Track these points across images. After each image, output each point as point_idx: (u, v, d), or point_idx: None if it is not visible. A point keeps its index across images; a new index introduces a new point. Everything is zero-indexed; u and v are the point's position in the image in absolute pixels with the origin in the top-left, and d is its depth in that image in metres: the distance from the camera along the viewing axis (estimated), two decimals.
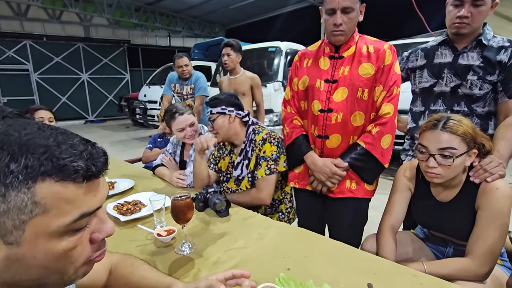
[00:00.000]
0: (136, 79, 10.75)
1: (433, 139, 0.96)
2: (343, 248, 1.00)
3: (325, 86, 1.29)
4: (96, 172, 0.38)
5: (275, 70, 4.45)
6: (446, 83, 1.35)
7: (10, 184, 0.32)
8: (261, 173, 1.39)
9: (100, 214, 0.41)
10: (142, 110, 6.79)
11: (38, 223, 0.34)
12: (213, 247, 1.01)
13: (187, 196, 0.98)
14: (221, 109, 1.43)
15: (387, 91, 1.23)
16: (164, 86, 3.27)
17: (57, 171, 0.34)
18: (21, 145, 0.33)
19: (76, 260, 0.39)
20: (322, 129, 1.31)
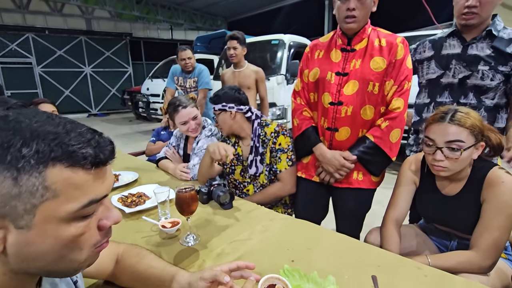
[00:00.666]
0: (138, 72, 10.72)
1: (440, 131, 0.95)
2: (347, 241, 1.00)
3: (336, 79, 1.28)
4: (104, 159, 0.39)
5: (278, 63, 4.41)
6: (454, 74, 1.34)
7: (22, 168, 0.32)
8: (283, 166, 1.40)
9: (106, 202, 0.42)
10: (145, 103, 6.79)
11: (48, 208, 0.34)
12: (217, 238, 1.02)
13: (191, 188, 0.98)
14: (221, 105, 1.43)
15: (398, 85, 1.22)
16: (167, 79, 3.27)
17: (67, 157, 0.35)
18: (32, 131, 0.34)
19: (84, 246, 0.39)
20: (331, 122, 1.31)
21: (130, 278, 0.76)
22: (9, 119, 0.35)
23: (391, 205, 1.16)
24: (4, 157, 0.32)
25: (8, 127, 0.34)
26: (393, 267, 0.85)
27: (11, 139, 0.33)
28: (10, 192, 0.32)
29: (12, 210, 0.33)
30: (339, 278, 0.77)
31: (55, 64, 9.01)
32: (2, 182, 0.32)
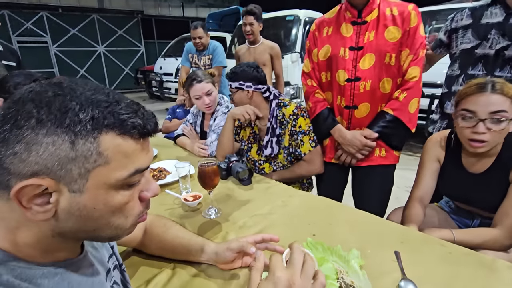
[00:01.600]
0: (151, 51, 10.67)
1: (482, 102, 0.90)
2: (369, 217, 1.00)
3: (350, 54, 1.23)
4: (151, 130, 0.40)
5: (293, 41, 4.27)
6: (491, 45, 1.26)
7: (79, 132, 0.33)
8: (307, 148, 1.37)
9: (147, 174, 0.43)
10: (158, 82, 6.79)
11: (100, 173, 0.36)
12: (238, 212, 1.04)
13: (213, 163, 0.99)
14: (239, 84, 1.38)
15: (413, 54, 1.18)
16: (182, 57, 3.22)
17: (119, 125, 0.36)
18: (87, 98, 0.35)
19: (129, 214, 0.41)
20: (350, 99, 1.27)
21: (158, 247, 0.78)
22: (64, 85, 0.36)
23: (416, 185, 1.14)
24: (63, 120, 0.33)
25: (64, 92, 0.34)
26: (416, 244, 0.85)
27: (68, 104, 0.34)
28: (68, 156, 0.33)
29: (68, 174, 0.34)
30: (362, 252, 0.77)
31: (70, 43, 9.06)
32: (60, 145, 0.33)
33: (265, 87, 1.41)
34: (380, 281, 0.70)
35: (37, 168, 0.32)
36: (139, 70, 8.26)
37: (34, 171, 0.32)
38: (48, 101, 0.33)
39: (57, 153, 0.33)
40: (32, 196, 0.33)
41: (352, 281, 0.65)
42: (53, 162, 0.33)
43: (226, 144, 1.46)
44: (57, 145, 0.33)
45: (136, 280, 0.73)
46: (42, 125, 0.32)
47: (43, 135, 0.32)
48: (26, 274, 0.35)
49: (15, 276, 0.34)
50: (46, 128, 0.32)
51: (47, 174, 0.33)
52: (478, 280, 0.70)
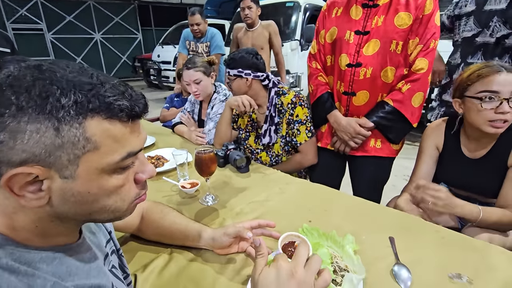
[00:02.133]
0: (148, 39, 10.49)
1: (505, 81, 0.89)
2: (364, 204, 1.01)
3: (355, 38, 1.19)
4: (140, 112, 0.39)
5: (292, 28, 4.19)
6: (492, 33, 1.24)
7: (63, 118, 0.32)
8: (303, 138, 1.37)
9: (141, 157, 0.43)
10: (156, 71, 6.71)
11: (91, 159, 0.35)
12: (235, 199, 1.05)
13: (210, 150, 0.99)
14: (237, 71, 1.35)
15: (423, 44, 1.12)
16: (179, 44, 3.18)
17: (105, 108, 0.35)
18: (69, 81, 0.34)
19: (125, 197, 0.41)
20: (348, 85, 1.24)
21: (155, 233, 0.79)
22: (43, 68, 0.34)
23: (414, 171, 1.15)
24: (44, 106, 0.32)
25: (44, 76, 0.33)
26: (411, 229, 0.86)
27: (49, 89, 0.32)
28: (54, 143, 0.33)
29: (57, 160, 0.33)
30: (357, 238, 0.78)
31: (66, 31, 8.89)
32: (44, 132, 0.32)
33: (264, 74, 1.38)
34: (374, 265, 0.71)
35: (25, 156, 0.32)
36: (136, 58, 8.14)
37: (23, 159, 0.32)
38: (27, 86, 0.32)
39: (42, 140, 0.32)
40: (23, 184, 0.33)
41: (346, 265, 0.67)
42: (40, 150, 0.32)
43: (224, 132, 1.46)
44: (41, 133, 0.32)
45: (133, 264, 0.74)
46: (23, 113, 0.31)
47: (26, 122, 0.31)
48: (25, 257, 0.35)
49: (14, 259, 0.34)
50: (27, 115, 0.31)
51: (36, 162, 0.33)
52: (469, 264, 0.71)
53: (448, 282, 0.66)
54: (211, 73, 1.66)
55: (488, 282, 0.66)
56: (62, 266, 0.38)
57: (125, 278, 0.56)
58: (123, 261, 0.59)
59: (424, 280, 0.67)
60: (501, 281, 0.66)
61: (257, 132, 1.51)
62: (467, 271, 0.69)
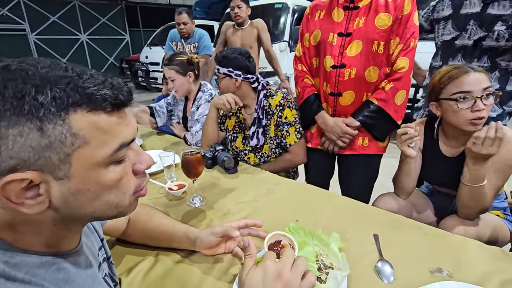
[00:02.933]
0: (136, 40, 10.35)
1: (475, 80, 0.93)
2: (350, 203, 1.02)
3: (338, 40, 1.22)
4: (124, 100, 0.37)
5: (281, 29, 4.23)
6: (470, 35, 1.29)
7: (44, 117, 0.31)
8: (293, 139, 1.37)
9: (135, 147, 0.42)
10: (144, 72, 6.64)
11: (82, 155, 0.34)
12: (223, 200, 1.05)
13: (197, 151, 0.99)
14: (227, 71, 1.35)
15: (403, 44, 1.16)
16: (166, 44, 3.15)
17: (86, 100, 0.33)
18: (42, 77, 0.32)
19: (126, 190, 0.40)
20: (334, 86, 1.27)
21: (141, 235, 0.79)
22: (12, 68, 0.32)
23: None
24: (21, 107, 0.30)
25: (14, 76, 0.31)
26: (394, 226, 0.88)
27: (23, 88, 0.31)
28: (40, 144, 0.31)
29: (48, 162, 0.32)
30: (342, 236, 0.79)
31: (50, 31, 8.68)
32: (28, 134, 0.31)
33: (254, 77, 1.38)
34: (358, 262, 0.73)
35: (14, 162, 0.31)
36: (124, 60, 8.04)
37: (11, 165, 0.31)
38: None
39: (28, 143, 0.31)
40: (19, 191, 0.32)
41: (331, 262, 0.68)
42: (27, 153, 0.31)
43: (211, 133, 1.46)
44: (25, 135, 0.31)
45: (119, 269, 0.73)
46: (1, 117, 0.30)
47: (6, 127, 0.30)
48: (24, 262, 0.35)
49: (12, 265, 0.33)
50: (6, 119, 0.30)
51: (27, 167, 0.31)
52: (450, 258, 0.73)
53: (429, 276, 0.68)
54: (188, 72, 1.64)
55: (467, 275, 0.68)
56: (60, 273, 0.37)
57: (114, 286, 0.55)
58: (112, 269, 0.58)
59: (406, 275, 0.69)
60: (478, 274, 0.68)
61: (244, 133, 1.51)
62: (447, 265, 0.71)
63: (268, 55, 2.86)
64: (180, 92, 1.68)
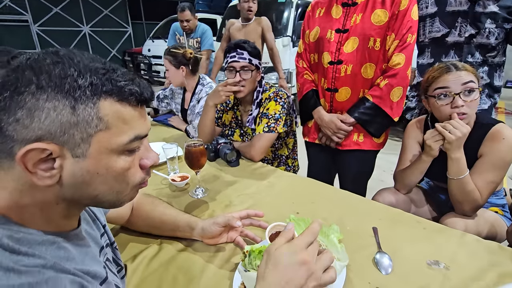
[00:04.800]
0: (138, 32, 10.29)
1: (454, 78, 0.97)
2: (350, 196, 1.04)
3: (335, 36, 1.24)
4: (148, 98, 0.42)
5: (284, 24, 4.21)
6: (460, 33, 1.30)
7: (79, 97, 0.35)
8: (259, 130, 1.32)
9: (146, 143, 0.45)
10: (147, 65, 6.63)
11: (102, 139, 0.37)
12: (225, 192, 1.06)
13: (200, 143, 1.00)
14: (258, 63, 1.33)
15: (399, 39, 1.15)
16: (169, 38, 3.15)
17: (117, 91, 0.38)
18: (85, 65, 0.36)
19: (131, 181, 0.43)
20: (331, 82, 1.28)
21: (145, 224, 0.80)
22: (61, 53, 0.36)
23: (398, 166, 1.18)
24: (63, 86, 0.34)
25: (62, 60, 0.35)
26: (393, 220, 0.89)
27: (67, 71, 0.35)
28: (70, 121, 0.35)
29: (71, 139, 0.35)
30: (342, 228, 0.81)
31: (53, 23, 8.64)
32: (61, 110, 0.34)
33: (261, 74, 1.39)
34: (357, 254, 0.74)
35: (41, 134, 0.34)
36: (126, 52, 8.02)
37: (38, 136, 0.34)
38: (47, 69, 0.34)
39: (59, 118, 0.34)
40: (37, 160, 0.34)
41: None
42: (55, 128, 0.34)
43: (208, 133, 1.41)
44: (58, 110, 0.34)
45: (123, 255, 0.74)
46: (42, 91, 0.33)
47: (44, 100, 0.33)
48: (26, 238, 0.36)
49: (16, 240, 0.35)
50: (46, 93, 0.33)
51: (51, 139, 0.34)
52: (447, 251, 0.75)
53: (426, 268, 0.70)
54: (181, 65, 1.64)
55: (464, 268, 0.70)
56: (60, 251, 0.39)
57: (118, 271, 0.57)
58: (117, 254, 0.60)
59: (404, 267, 0.70)
60: (475, 267, 0.70)
61: (241, 129, 1.51)
62: (444, 258, 0.73)
63: (271, 53, 2.85)
64: (174, 83, 1.72)
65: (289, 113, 1.44)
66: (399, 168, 1.19)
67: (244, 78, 1.30)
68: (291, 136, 1.53)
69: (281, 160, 1.55)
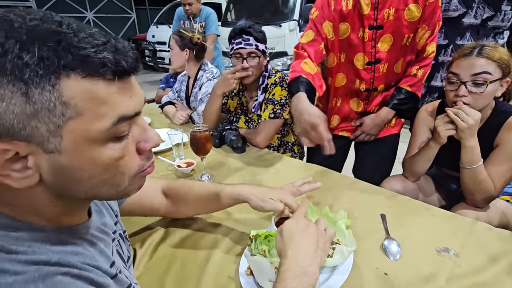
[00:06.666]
0: (142, 18, 10.18)
1: (467, 65, 0.91)
2: (358, 183, 1.02)
3: (369, 34, 1.11)
4: (128, 68, 0.32)
5: (291, 8, 4.09)
6: (476, 14, 1.23)
7: (30, 80, 0.27)
8: (265, 116, 1.30)
9: (141, 122, 0.37)
10: (151, 52, 6.57)
11: (75, 128, 0.30)
12: (231, 178, 1.06)
13: (205, 129, 0.99)
14: (265, 47, 1.30)
15: (431, 30, 1.11)
16: (173, 23, 3.09)
17: (81, 63, 0.28)
18: (29, 31, 0.27)
19: (125, 171, 0.36)
20: (370, 83, 1.23)
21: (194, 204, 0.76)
22: None
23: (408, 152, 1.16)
24: (3, 67, 0.26)
25: None
26: (402, 207, 0.88)
27: (4, 43, 0.26)
28: (25, 111, 0.27)
29: (34, 132, 0.28)
30: (349, 215, 0.79)
31: (56, 9, 8.57)
32: (11, 99, 0.27)
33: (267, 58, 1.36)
34: (365, 240, 0.74)
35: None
36: (130, 39, 7.94)
37: None
38: None
39: (11, 109, 0.27)
40: (4, 162, 0.29)
41: (338, 239, 0.68)
42: (10, 121, 0.27)
43: (213, 120, 1.42)
44: (7, 99, 0.27)
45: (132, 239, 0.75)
46: None
47: None
48: (25, 236, 0.33)
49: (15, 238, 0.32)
50: None
51: (11, 136, 0.28)
52: (456, 240, 0.73)
53: (435, 255, 0.69)
54: (185, 48, 1.63)
55: (474, 256, 0.68)
56: (66, 246, 0.35)
57: (127, 260, 0.54)
58: (126, 244, 0.57)
59: (412, 254, 0.69)
60: (486, 256, 0.68)
61: (246, 115, 1.50)
62: (454, 245, 0.71)
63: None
64: (174, 63, 1.71)
65: None
66: (408, 155, 1.16)
67: (252, 64, 1.27)
68: None
69: (287, 146, 1.53)
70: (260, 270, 0.58)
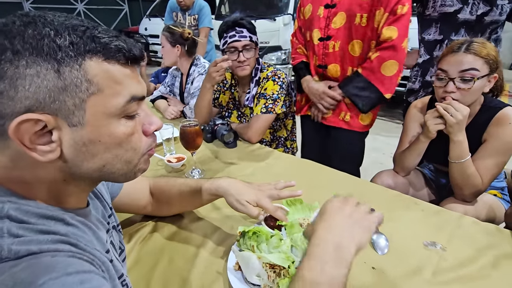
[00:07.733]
0: (135, 10, 9.98)
1: (454, 61, 0.92)
2: (348, 178, 1.03)
3: (324, 12, 1.22)
4: (138, 55, 0.38)
5: (285, 1, 4.05)
6: (472, 10, 1.23)
7: (62, 59, 0.32)
8: (257, 111, 1.29)
9: (145, 108, 0.42)
10: (144, 45, 6.45)
11: (96, 103, 0.35)
12: (222, 173, 1.05)
13: (195, 123, 0.97)
14: (256, 38, 1.30)
15: (389, 12, 1.08)
16: (165, 15, 3.03)
17: (102, 49, 0.35)
18: (61, 23, 0.33)
19: (137, 147, 0.41)
20: (321, 59, 1.29)
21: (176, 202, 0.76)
22: (31, 14, 0.33)
23: (399, 147, 1.16)
24: (41, 48, 0.31)
25: (34, 20, 0.32)
26: (391, 202, 0.89)
27: (42, 30, 0.32)
28: (57, 85, 0.32)
29: (62, 106, 0.33)
30: None
31: (46, 0, 8.36)
32: (45, 75, 0.32)
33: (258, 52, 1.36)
34: None
35: (29, 103, 0.31)
36: (123, 32, 7.79)
37: (27, 106, 0.31)
38: (19, 30, 0.31)
39: (44, 84, 0.32)
40: (32, 134, 0.32)
41: None
42: (43, 95, 0.32)
43: (205, 114, 1.38)
44: (42, 76, 0.31)
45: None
46: (20, 56, 0.31)
47: (24, 67, 0.31)
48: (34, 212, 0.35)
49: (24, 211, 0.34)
50: (25, 58, 0.31)
51: (42, 109, 0.32)
52: (444, 234, 0.74)
53: (422, 249, 0.70)
54: (176, 44, 1.59)
55: (461, 250, 0.69)
56: (68, 227, 0.38)
57: (120, 253, 0.55)
58: (120, 237, 0.59)
59: (400, 248, 0.70)
60: (473, 249, 0.69)
61: (238, 110, 1.48)
62: (441, 239, 0.72)
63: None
64: (166, 61, 1.68)
65: (289, 93, 1.41)
66: (399, 150, 1.17)
67: (248, 57, 1.27)
68: (290, 118, 1.50)
69: (280, 141, 1.53)
70: (248, 265, 0.58)
